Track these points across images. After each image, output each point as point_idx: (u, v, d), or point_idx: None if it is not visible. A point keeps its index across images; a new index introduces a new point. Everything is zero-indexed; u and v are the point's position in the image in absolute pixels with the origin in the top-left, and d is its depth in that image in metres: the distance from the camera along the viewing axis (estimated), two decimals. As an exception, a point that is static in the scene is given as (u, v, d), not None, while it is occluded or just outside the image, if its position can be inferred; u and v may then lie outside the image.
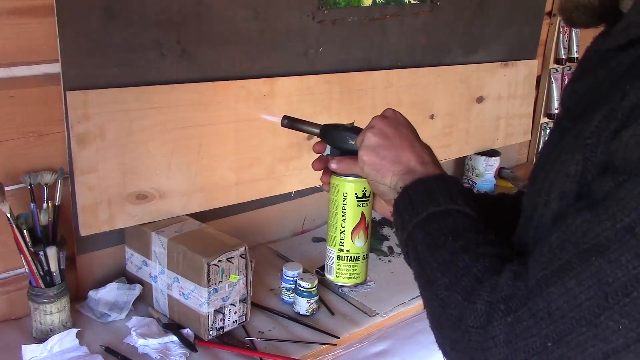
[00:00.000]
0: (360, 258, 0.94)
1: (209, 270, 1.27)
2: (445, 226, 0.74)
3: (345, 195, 0.92)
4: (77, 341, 1.27)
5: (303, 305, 1.44)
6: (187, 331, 1.33)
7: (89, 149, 1.31)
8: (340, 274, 0.95)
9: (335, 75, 1.68)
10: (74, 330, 1.28)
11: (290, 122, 0.97)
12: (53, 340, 1.25)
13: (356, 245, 0.93)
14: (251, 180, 1.58)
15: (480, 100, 2.06)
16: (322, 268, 1.57)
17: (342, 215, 0.92)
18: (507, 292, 0.64)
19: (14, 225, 1.22)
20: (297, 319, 1.44)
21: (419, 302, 1.55)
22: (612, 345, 0.60)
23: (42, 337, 1.28)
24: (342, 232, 0.93)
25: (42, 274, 1.26)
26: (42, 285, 1.26)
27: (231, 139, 1.52)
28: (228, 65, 1.49)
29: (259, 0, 1.49)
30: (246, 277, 1.35)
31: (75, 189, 1.31)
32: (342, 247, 0.93)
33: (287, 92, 1.59)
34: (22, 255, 1.24)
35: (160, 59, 1.38)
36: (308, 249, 1.75)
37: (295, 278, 1.47)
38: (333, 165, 0.90)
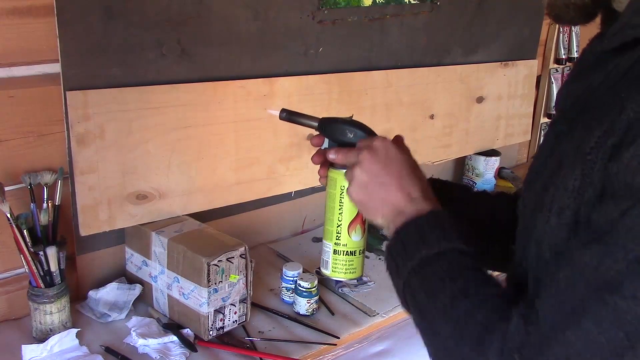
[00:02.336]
0: (357, 253, 0.93)
1: (209, 270, 1.27)
2: (440, 269, 0.71)
3: (342, 188, 0.90)
4: (77, 341, 1.28)
5: (303, 305, 1.44)
6: (187, 331, 1.33)
7: (89, 149, 1.31)
8: (336, 268, 0.93)
9: (335, 75, 1.68)
10: (74, 330, 1.28)
11: (289, 115, 0.95)
12: (53, 340, 1.25)
13: (353, 239, 0.92)
14: (251, 180, 1.58)
15: (480, 100, 2.06)
16: (322, 268, 1.57)
17: (339, 209, 0.91)
18: (519, 340, 0.61)
19: (14, 225, 1.22)
20: (297, 319, 1.44)
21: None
22: None
23: (42, 337, 1.28)
24: (339, 225, 0.92)
25: (42, 274, 1.26)
26: (42, 285, 1.26)
27: (231, 139, 1.52)
28: (228, 65, 1.49)
29: (259, 0, 1.49)
30: (246, 277, 1.35)
31: (75, 189, 1.31)
32: (338, 241, 0.92)
33: (287, 92, 1.59)
34: (22, 255, 1.24)
35: (160, 59, 1.38)
36: (308, 249, 1.75)
37: (295, 278, 1.47)
38: (331, 156, 0.87)
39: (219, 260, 1.29)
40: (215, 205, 1.54)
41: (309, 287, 1.44)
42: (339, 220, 0.92)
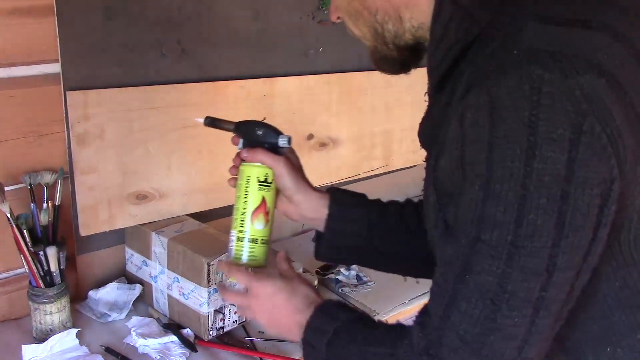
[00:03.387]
0: (259, 241, 0.99)
1: (209, 270, 1.27)
2: (342, 342, 0.82)
3: (248, 178, 0.98)
4: (77, 341, 1.27)
5: (303, 305, 1.44)
6: (187, 331, 1.33)
7: (89, 149, 1.31)
8: (238, 255, 0.99)
9: (335, 75, 1.68)
10: (74, 330, 1.28)
11: (212, 121, 1.05)
12: (53, 340, 1.25)
13: (255, 227, 0.98)
14: (251, 180, 1.58)
15: (480, 100, 2.06)
16: (322, 268, 1.58)
17: (244, 198, 0.98)
18: (423, 344, 0.72)
19: (14, 225, 1.22)
20: (297, 319, 1.44)
21: (419, 302, 1.55)
22: (520, 338, 0.68)
23: (42, 337, 1.28)
24: (243, 214, 0.98)
25: (42, 274, 1.26)
26: (42, 285, 1.26)
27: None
28: (228, 65, 1.49)
29: (259, 0, 1.49)
30: (246, 277, 1.35)
31: (75, 189, 1.32)
32: (241, 229, 0.98)
33: (287, 92, 1.59)
34: (22, 255, 1.24)
35: (160, 59, 1.39)
36: (308, 249, 1.74)
37: (295, 278, 1.46)
38: (244, 154, 0.99)
39: (219, 260, 1.29)
40: (215, 205, 1.54)
41: (309, 287, 1.43)
42: (244, 209, 0.98)
